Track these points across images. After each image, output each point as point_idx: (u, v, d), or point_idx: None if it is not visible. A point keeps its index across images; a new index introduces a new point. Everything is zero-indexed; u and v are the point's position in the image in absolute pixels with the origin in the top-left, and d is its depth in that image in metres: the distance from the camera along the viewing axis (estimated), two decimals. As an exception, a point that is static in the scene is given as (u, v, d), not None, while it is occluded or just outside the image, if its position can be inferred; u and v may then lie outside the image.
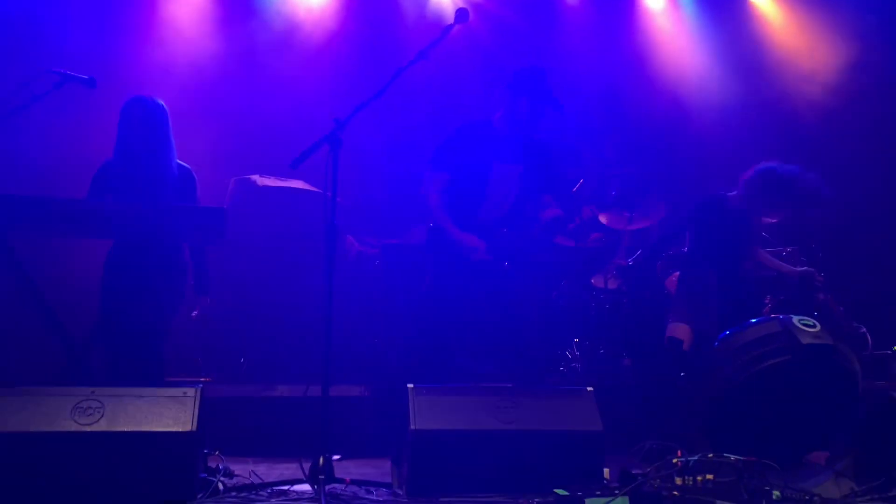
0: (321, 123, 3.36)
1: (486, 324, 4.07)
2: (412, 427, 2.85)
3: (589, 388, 3.15)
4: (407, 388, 2.97)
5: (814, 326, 3.15)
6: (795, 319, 3.16)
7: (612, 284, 5.99)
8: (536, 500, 2.68)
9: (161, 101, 3.89)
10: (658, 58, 7.15)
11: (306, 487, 2.94)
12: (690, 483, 2.81)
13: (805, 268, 4.50)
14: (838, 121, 6.57)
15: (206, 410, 2.99)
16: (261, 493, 2.95)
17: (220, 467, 3.13)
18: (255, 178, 5.64)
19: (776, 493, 2.72)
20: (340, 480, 2.98)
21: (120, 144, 3.81)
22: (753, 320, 3.36)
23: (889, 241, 6.39)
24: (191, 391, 2.93)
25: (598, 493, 2.67)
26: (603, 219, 6.36)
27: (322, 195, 3.22)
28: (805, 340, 3.10)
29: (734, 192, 4.40)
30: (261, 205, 5.46)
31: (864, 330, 5.33)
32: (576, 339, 5.81)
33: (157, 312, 3.77)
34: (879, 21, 6.43)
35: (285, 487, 3.00)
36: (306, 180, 5.74)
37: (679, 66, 7.06)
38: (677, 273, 4.75)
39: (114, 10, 6.04)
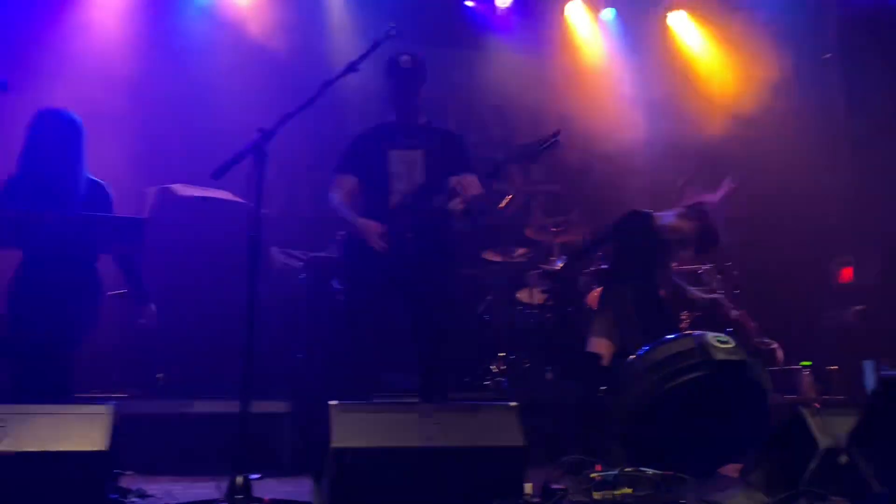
0: (246, 133, 3.30)
1: (411, 338, 4.07)
2: (333, 445, 2.81)
3: (512, 404, 3.17)
4: (329, 404, 2.94)
5: (727, 343, 3.26)
6: (710, 336, 3.26)
7: (537, 299, 6.07)
8: (458, 516, 2.68)
9: (75, 115, 3.69)
10: (582, 78, 7.34)
11: (223, 508, 2.87)
12: (609, 497, 2.86)
13: (714, 296, 4.67)
14: (755, 142, 6.85)
15: (121, 428, 2.90)
16: (175, 514, 2.86)
17: (134, 488, 3.02)
18: (177, 187, 5.50)
19: (690, 505, 2.80)
20: (259, 500, 2.92)
21: (27, 159, 3.60)
22: (670, 336, 3.45)
23: (799, 260, 6.68)
24: (103, 408, 2.83)
25: (519, 508, 2.69)
26: (529, 233, 6.46)
27: (246, 206, 3.16)
28: (719, 357, 3.20)
29: (662, 213, 4.50)
30: (182, 215, 5.32)
31: (775, 345, 5.54)
32: (501, 354, 5.87)
33: (66, 328, 3.63)
34: (798, 49, 6.76)
35: (201, 508, 2.92)
36: (231, 191, 5.63)
37: (602, 87, 7.26)
38: (599, 289, 4.85)
39: (26, 12, 5.83)
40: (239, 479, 2.82)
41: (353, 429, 2.87)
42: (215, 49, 6.45)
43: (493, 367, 5.79)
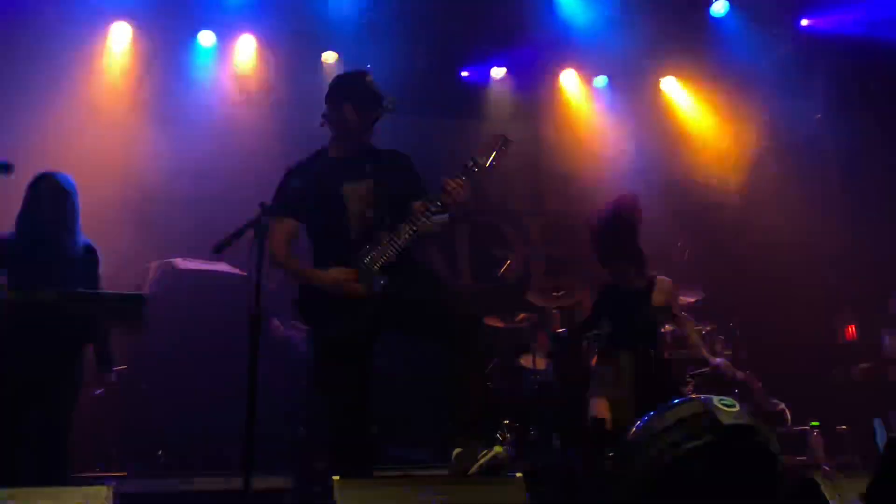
0: (248, 207, 3.32)
1: (415, 407, 3.91)
2: (337, 522, 2.75)
3: (518, 475, 3.11)
4: (332, 479, 2.88)
5: (733, 406, 3.21)
6: (716, 400, 3.21)
7: (540, 364, 6.02)
8: None
9: (70, 178, 3.79)
10: (578, 142, 7.44)
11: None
12: (620, 570, 2.78)
13: (719, 360, 4.66)
14: (752, 203, 6.92)
15: (121, 508, 2.84)
16: None
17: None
18: (177, 260, 5.54)
19: (704, 576, 2.72)
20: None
21: (24, 220, 3.70)
22: (676, 401, 3.41)
23: (802, 319, 6.66)
24: (103, 489, 2.78)
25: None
26: (530, 297, 6.45)
27: (247, 279, 3.14)
28: (726, 421, 3.15)
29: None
30: (182, 288, 5.34)
31: (782, 406, 5.48)
32: (506, 421, 5.79)
33: (58, 405, 3.59)
34: (790, 110, 6.89)
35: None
36: (231, 263, 5.65)
37: (598, 151, 7.36)
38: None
39: (29, 90, 5.94)
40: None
41: (356, 504, 2.81)
42: (218, 125, 6.56)
43: (499, 436, 5.71)
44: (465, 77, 7.41)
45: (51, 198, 3.68)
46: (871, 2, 6.50)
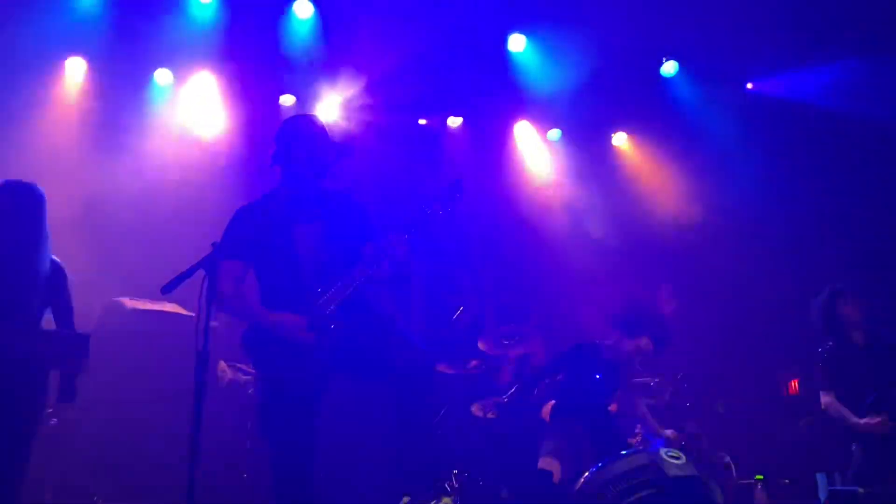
0: (199, 246, 3.27)
1: (361, 455, 3.85)
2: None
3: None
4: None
5: (679, 458, 3.25)
6: (662, 451, 3.26)
7: (490, 413, 6.00)
8: None
9: (38, 187, 3.47)
10: (533, 193, 7.55)
11: None
12: None
13: (671, 431, 4.75)
14: (701, 254, 7.07)
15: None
16: None
17: None
18: (125, 300, 5.42)
19: None
20: None
21: None
22: (623, 452, 3.43)
23: (750, 371, 6.78)
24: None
25: None
26: (481, 345, 6.44)
27: (193, 319, 3.07)
28: (671, 473, 3.19)
29: (608, 342, 4.68)
30: (130, 328, 5.22)
31: (728, 459, 5.54)
32: (455, 471, 5.73)
33: (14, 442, 3.43)
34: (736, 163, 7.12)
35: None
36: (180, 303, 5.55)
37: (552, 202, 7.48)
38: (552, 402, 4.85)
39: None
40: None
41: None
42: (168, 159, 6.50)
43: (447, 486, 5.63)
44: (421, 124, 7.50)
45: (12, 212, 3.39)
46: (813, 70, 6.81)
